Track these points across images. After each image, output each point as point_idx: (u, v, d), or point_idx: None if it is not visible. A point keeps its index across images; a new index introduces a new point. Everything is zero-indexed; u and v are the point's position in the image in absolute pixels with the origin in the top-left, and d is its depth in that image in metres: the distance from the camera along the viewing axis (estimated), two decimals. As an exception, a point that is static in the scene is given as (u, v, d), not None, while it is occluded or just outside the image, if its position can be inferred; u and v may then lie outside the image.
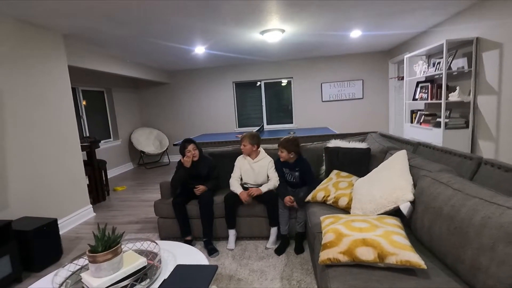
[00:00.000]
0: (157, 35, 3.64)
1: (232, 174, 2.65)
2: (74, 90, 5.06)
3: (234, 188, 2.55)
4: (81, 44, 3.81)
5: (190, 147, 2.64)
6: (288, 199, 2.36)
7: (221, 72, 6.65)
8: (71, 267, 1.42)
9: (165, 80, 6.64)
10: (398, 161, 1.85)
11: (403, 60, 4.86)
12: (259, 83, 6.70)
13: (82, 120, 5.21)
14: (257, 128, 5.40)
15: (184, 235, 2.55)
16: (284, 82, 6.67)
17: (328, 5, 2.96)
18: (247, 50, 4.93)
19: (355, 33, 4.25)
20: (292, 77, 6.50)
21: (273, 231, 2.48)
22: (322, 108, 6.49)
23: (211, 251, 2.40)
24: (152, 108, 7.01)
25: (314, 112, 6.53)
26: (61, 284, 1.29)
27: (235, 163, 2.69)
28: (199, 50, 4.66)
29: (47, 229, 2.45)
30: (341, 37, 4.45)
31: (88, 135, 5.30)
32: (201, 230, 2.57)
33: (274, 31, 3.70)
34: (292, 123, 6.67)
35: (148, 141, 6.66)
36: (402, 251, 1.25)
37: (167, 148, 6.75)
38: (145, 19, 2.98)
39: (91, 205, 3.63)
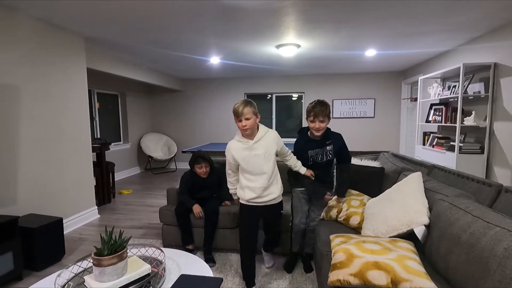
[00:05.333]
0: (173, 45, 3.71)
1: (227, 178, 2.04)
2: (89, 92, 5.16)
3: (240, 194, 1.96)
4: (100, 48, 3.91)
5: (203, 165, 2.54)
6: (328, 196, 2.15)
7: (234, 83, 6.73)
8: (74, 269, 1.39)
9: (178, 87, 6.74)
10: (413, 183, 1.80)
11: (417, 81, 4.83)
12: (269, 95, 6.74)
13: (94, 121, 5.29)
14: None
15: (186, 243, 2.52)
16: (295, 96, 6.69)
17: (346, 23, 2.99)
18: (262, 62, 4.99)
19: (370, 52, 4.27)
20: (304, 92, 6.52)
21: (269, 257, 2.26)
22: (332, 125, 6.35)
23: (208, 260, 2.35)
24: (163, 114, 7.09)
25: (324, 128, 6.50)
26: (63, 286, 1.27)
27: (227, 156, 1.92)
28: (214, 60, 4.74)
29: (52, 228, 2.44)
30: (356, 55, 4.47)
31: (99, 136, 5.37)
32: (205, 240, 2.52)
33: (290, 46, 3.74)
34: (301, 137, 6.65)
35: (157, 146, 6.70)
36: (416, 277, 1.19)
37: (175, 155, 6.77)
38: (163, 28, 3.05)
39: (96, 207, 3.63)
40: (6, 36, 2.48)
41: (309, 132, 2.04)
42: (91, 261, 1.24)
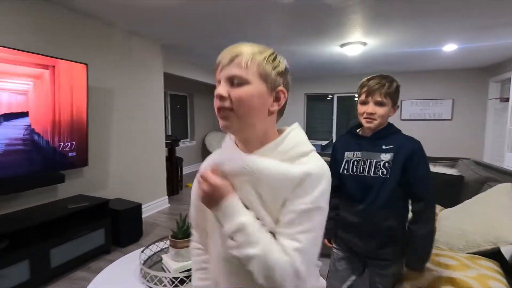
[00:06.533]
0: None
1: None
2: (164, 93, 5.75)
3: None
4: (174, 53, 4.33)
5: None
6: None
7: (294, 83, 6.70)
8: (153, 248, 1.60)
9: (240, 88, 7.02)
10: (501, 195, 1.58)
11: (510, 79, 4.16)
12: (330, 96, 6.55)
13: (167, 120, 5.88)
14: (326, 142, 5.26)
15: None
16: (359, 96, 6.38)
17: (420, 17, 2.75)
18: (323, 62, 4.89)
19: (449, 47, 3.83)
20: (368, 92, 6.17)
21: None
22: (400, 127, 5.94)
23: None
24: (225, 114, 7.48)
25: (390, 130, 6.05)
26: (145, 261, 1.47)
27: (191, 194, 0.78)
28: (276, 61, 4.81)
29: (133, 212, 2.81)
30: (431, 51, 4.06)
31: (170, 134, 5.95)
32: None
33: (355, 44, 3.60)
34: (363, 140, 6.31)
35: (219, 144, 7.09)
36: (502, 301, 1.05)
37: (235, 153, 7.08)
38: (230, 31, 3.24)
39: (167, 197, 4.04)
40: (105, 48, 2.94)
41: (359, 130, 1.24)
42: (168, 242, 1.41)
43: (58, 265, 2.14)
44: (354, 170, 1.16)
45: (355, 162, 1.17)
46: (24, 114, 2.05)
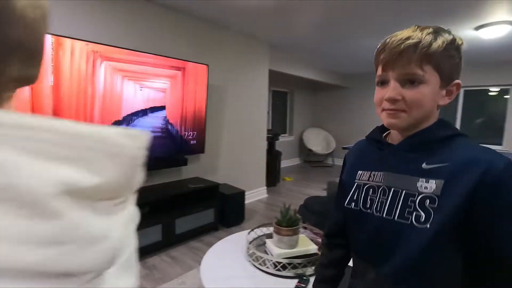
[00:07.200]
0: (344, 40, 3.73)
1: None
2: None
3: None
4: (280, 51, 4.49)
5: None
6: None
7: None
8: (257, 232, 1.74)
9: (343, 83, 6.73)
10: None
11: None
12: (455, 90, 5.51)
13: (268, 115, 6.20)
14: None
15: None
16: (495, 90, 5.14)
17: None
18: (448, 50, 4.14)
19: None
20: (511, 85, 4.91)
21: None
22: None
23: None
24: (324, 110, 7.32)
25: (544, 134, 4.66)
26: (251, 242, 1.61)
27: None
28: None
29: (238, 197, 3.11)
30: None
31: (270, 128, 6.25)
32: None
33: (498, 25, 2.91)
34: (501, 144, 5.08)
35: (317, 141, 7.02)
36: None
37: (333, 150, 6.87)
38: (339, 24, 3.13)
39: (265, 187, 4.28)
40: (222, 49, 3.33)
41: (386, 134, 0.70)
42: (272, 229, 1.51)
43: (180, 233, 2.59)
44: (368, 205, 0.64)
45: (371, 190, 0.64)
46: (162, 108, 2.55)
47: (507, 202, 0.49)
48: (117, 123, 2.25)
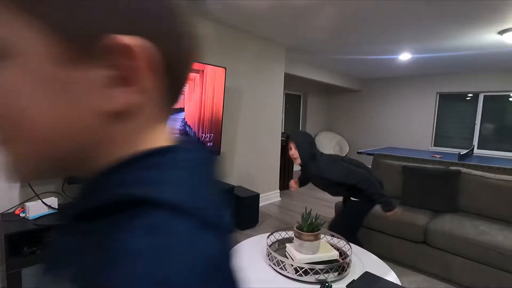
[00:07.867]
0: (362, 47, 3.70)
1: None
2: (280, 93, 6.07)
3: None
4: (295, 54, 4.49)
5: (291, 144, 1.93)
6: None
7: (423, 81, 5.87)
8: (276, 235, 1.74)
9: (357, 87, 6.66)
10: None
11: None
12: (470, 95, 5.39)
13: (282, 118, 6.19)
14: (466, 151, 4.37)
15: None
16: (518, 96, 4.99)
17: None
18: (468, 55, 4.06)
19: None
20: (534, 90, 4.75)
21: None
22: None
23: None
24: (338, 113, 7.26)
25: None
26: (271, 245, 1.61)
27: None
28: (404, 57, 4.32)
29: (252, 200, 3.11)
30: None
31: (284, 131, 6.24)
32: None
33: (523, 29, 2.83)
34: (521, 151, 4.92)
35: (330, 144, 6.96)
36: None
37: (346, 155, 6.79)
38: (357, 30, 3.11)
39: (278, 191, 4.27)
40: (239, 52, 3.35)
41: None
42: (293, 233, 1.50)
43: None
44: None
45: None
46: (181, 110, 2.58)
47: None
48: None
